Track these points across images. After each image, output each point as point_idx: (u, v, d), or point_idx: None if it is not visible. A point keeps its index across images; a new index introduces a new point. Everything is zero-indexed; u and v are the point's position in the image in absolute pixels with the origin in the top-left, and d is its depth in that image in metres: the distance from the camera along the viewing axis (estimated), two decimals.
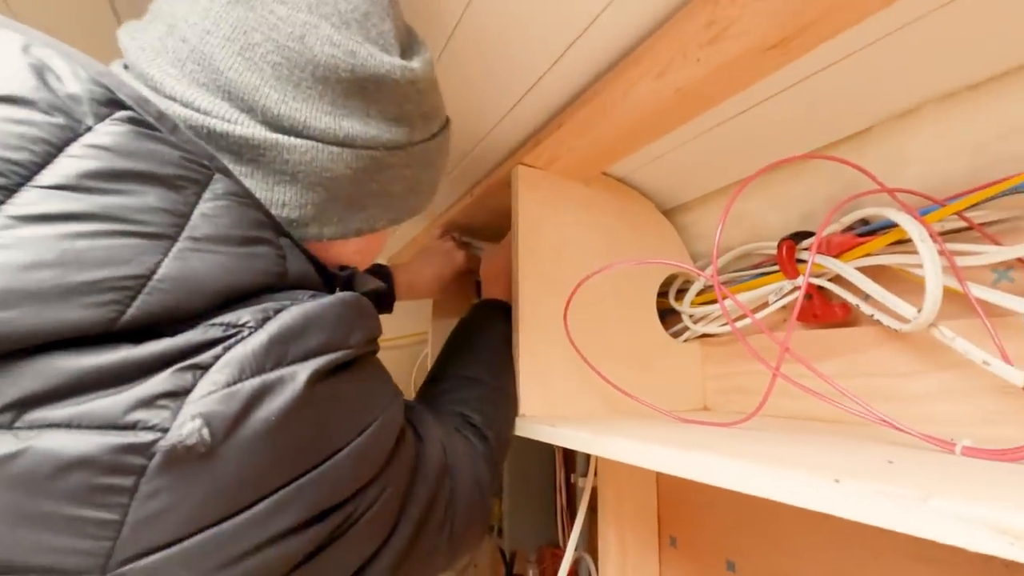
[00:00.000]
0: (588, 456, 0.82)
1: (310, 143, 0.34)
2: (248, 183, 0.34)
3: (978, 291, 0.40)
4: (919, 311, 0.42)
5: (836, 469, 0.29)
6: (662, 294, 0.73)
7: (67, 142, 0.27)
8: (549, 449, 0.96)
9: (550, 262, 0.63)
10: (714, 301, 0.67)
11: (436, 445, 0.43)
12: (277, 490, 0.29)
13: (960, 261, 0.42)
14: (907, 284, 0.47)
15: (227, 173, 0.32)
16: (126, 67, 0.34)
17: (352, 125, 0.35)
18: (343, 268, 0.41)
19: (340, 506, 0.32)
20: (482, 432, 0.50)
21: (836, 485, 0.26)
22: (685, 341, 0.71)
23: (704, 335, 0.70)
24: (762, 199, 0.61)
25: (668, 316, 0.73)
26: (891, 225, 0.47)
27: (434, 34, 0.48)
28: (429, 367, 0.63)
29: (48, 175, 0.26)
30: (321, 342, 0.31)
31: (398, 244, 1.09)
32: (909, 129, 0.45)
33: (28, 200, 0.25)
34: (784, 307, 0.59)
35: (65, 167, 0.26)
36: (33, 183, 0.26)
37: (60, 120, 0.27)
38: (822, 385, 0.41)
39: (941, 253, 0.42)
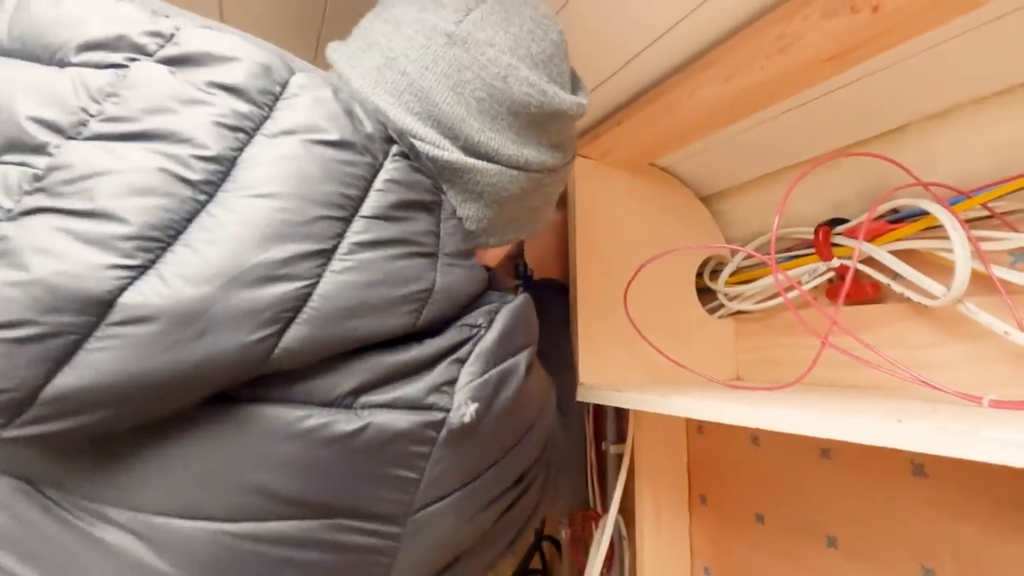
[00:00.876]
0: (620, 424, 0.89)
1: (498, 167, 0.40)
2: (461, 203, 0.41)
3: (999, 272, 0.47)
4: (948, 289, 0.49)
5: (894, 414, 0.36)
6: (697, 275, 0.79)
7: (374, 177, 0.33)
8: (580, 419, 1.03)
9: (603, 246, 0.69)
10: (746, 281, 0.74)
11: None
12: (502, 457, 0.38)
13: (984, 246, 0.49)
14: (933, 267, 0.54)
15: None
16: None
17: (530, 152, 0.41)
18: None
19: (527, 472, 0.41)
20: (559, 401, 0.56)
21: (899, 424, 0.33)
22: (720, 317, 0.77)
23: (738, 312, 0.76)
24: (797, 189, 0.67)
25: (702, 295, 0.79)
26: (921, 213, 0.53)
27: None
28: None
29: (367, 207, 0.32)
30: (527, 337, 0.40)
31: None
32: (942, 129, 0.52)
33: (359, 229, 0.31)
34: (816, 287, 0.65)
35: (376, 200, 0.32)
36: (359, 214, 0.32)
37: (369, 159, 0.32)
38: (866, 353, 0.48)
39: (968, 239, 0.48)
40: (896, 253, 0.55)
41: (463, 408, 0.33)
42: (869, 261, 0.60)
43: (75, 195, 0.26)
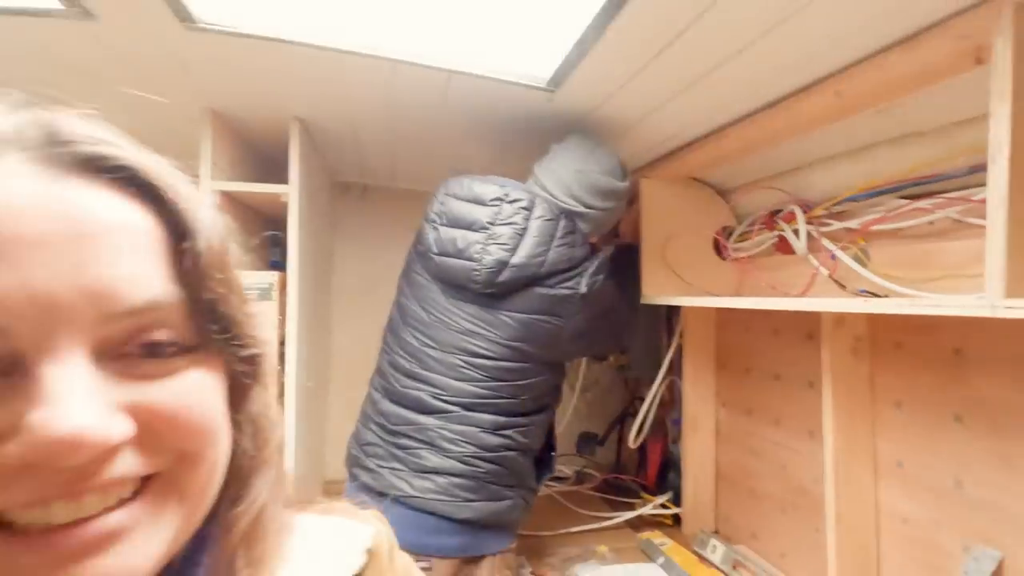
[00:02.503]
0: (679, 320, 1.54)
1: (593, 211, 1.11)
2: (580, 224, 1.12)
3: (825, 242, 1.06)
4: (805, 244, 1.08)
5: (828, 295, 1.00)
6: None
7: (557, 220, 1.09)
8: (658, 318, 1.69)
9: (657, 224, 1.34)
10: (741, 240, 1.34)
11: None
12: (600, 308, 1.14)
13: (822, 229, 1.07)
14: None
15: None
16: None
17: (603, 203, 1.11)
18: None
19: (610, 312, 1.18)
20: (631, 299, 1.26)
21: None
22: (726, 260, 1.39)
23: (736, 258, 1.37)
24: (762, 193, 1.26)
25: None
26: (793, 213, 1.11)
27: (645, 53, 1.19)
28: None
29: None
30: (604, 267, 1.16)
31: None
32: (814, 170, 1.09)
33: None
34: (769, 245, 1.25)
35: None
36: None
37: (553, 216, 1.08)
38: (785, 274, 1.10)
39: (808, 222, 1.07)
40: (794, 231, 1.14)
41: (583, 288, 1.05)
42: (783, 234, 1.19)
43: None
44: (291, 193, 1.24)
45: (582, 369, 1.88)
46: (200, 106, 1.18)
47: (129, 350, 0.26)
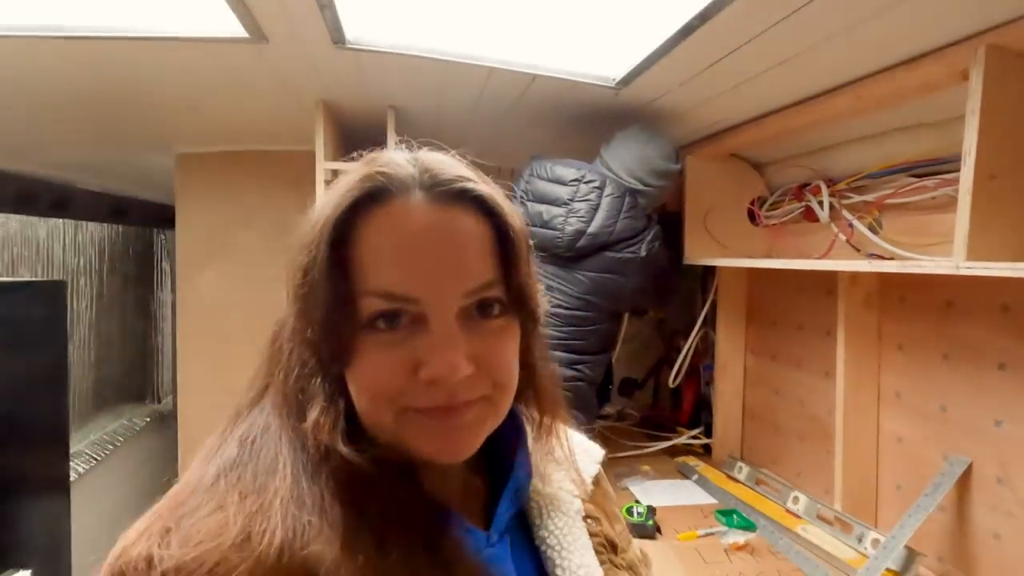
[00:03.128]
0: (713, 278, 1.76)
1: (653, 190, 1.34)
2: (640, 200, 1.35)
3: (845, 212, 1.26)
4: (828, 214, 1.28)
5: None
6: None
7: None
8: (694, 278, 1.91)
9: (699, 197, 1.55)
10: (772, 209, 1.53)
11: None
12: (646, 266, 1.37)
13: (843, 201, 1.27)
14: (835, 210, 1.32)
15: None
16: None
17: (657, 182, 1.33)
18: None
19: (660, 275, 1.42)
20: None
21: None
22: (758, 226, 1.59)
23: (767, 224, 1.57)
24: (791, 170, 1.45)
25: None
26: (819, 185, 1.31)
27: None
28: None
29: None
30: (658, 236, 1.40)
31: None
32: (843, 152, 1.28)
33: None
34: (798, 214, 1.44)
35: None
36: None
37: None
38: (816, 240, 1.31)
39: (831, 195, 1.27)
40: (819, 202, 1.33)
41: (643, 252, 1.29)
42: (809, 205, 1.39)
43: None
44: None
45: (624, 323, 2.12)
46: (316, 98, 1.41)
47: (473, 314, 0.40)
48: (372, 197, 0.40)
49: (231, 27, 0.97)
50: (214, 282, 2.03)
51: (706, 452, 1.81)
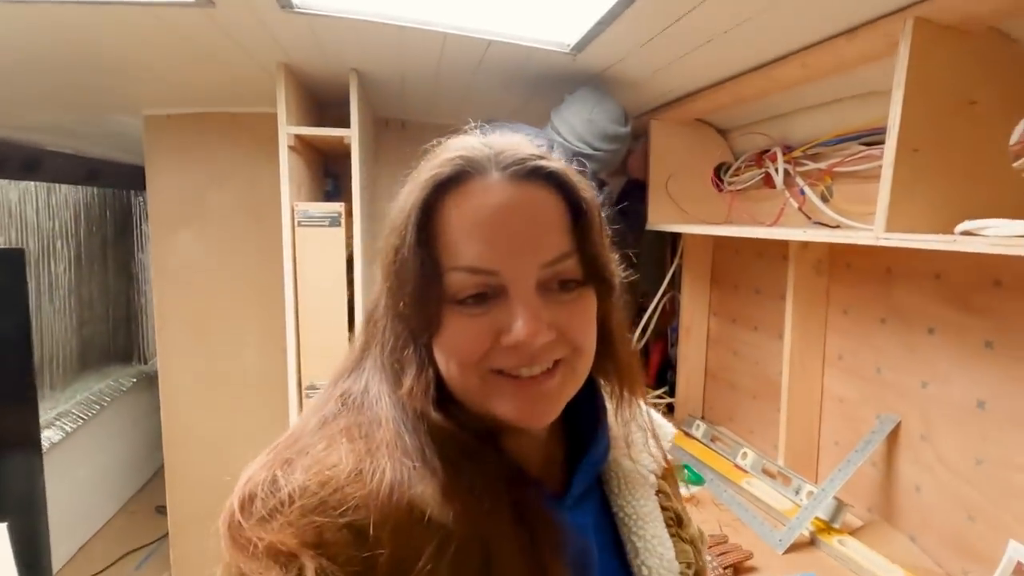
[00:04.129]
0: (680, 242, 1.79)
1: (602, 154, 1.34)
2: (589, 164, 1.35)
3: (798, 180, 1.28)
4: (783, 181, 1.30)
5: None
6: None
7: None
8: (664, 242, 1.94)
9: (663, 162, 1.56)
10: (735, 176, 1.55)
11: None
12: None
13: (798, 169, 1.29)
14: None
15: None
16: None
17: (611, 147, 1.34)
18: None
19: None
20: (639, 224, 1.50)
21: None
22: (721, 192, 1.61)
23: (731, 190, 1.59)
24: (750, 136, 1.46)
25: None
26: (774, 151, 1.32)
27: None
28: None
29: None
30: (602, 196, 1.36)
31: None
32: (794, 119, 1.29)
33: None
34: (757, 180, 1.46)
35: None
36: None
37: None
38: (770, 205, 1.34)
39: (787, 162, 1.28)
40: (776, 169, 1.35)
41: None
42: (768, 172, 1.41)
43: None
44: (352, 135, 1.47)
45: None
46: (276, 61, 1.39)
47: (551, 285, 0.43)
48: (453, 180, 0.42)
49: None
50: (189, 243, 2.05)
51: (669, 411, 1.88)
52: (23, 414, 1.27)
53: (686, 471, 1.42)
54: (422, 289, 0.41)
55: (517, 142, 0.45)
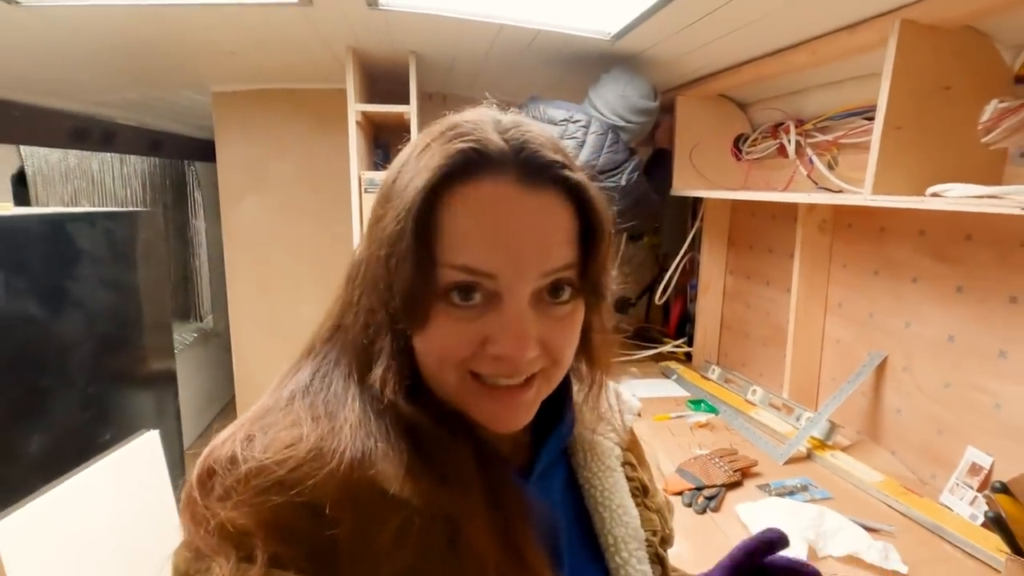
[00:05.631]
0: (701, 207, 1.97)
1: (634, 125, 1.54)
2: (622, 135, 1.54)
3: (808, 150, 1.45)
4: (794, 151, 1.48)
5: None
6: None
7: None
8: (686, 207, 2.12)
9: (688, 133, 1.73)
10: (753, 146, 1.72)
11: None
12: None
13: (808, 140, 1.46)
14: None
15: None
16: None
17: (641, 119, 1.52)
18: None
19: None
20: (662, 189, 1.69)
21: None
22: (740, 161, 1.78)
23: (748, 159, 1.76)
24: (767, 111, 1.62)
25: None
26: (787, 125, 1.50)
27: None
28: None
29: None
30: (641, 167, 1.57)
31: None
32: (806, 96, 1.46)
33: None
34: (773, 150, 1.64)
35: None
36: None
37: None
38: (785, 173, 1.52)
39: (799, 134, 1.46)
40: (789, 140, 1.53)
41: (623, 182, 1.51)
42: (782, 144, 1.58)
43: None
44: (412, 112, 1.67)
45: (621, 248, 2.36)
46: (345, 46, 1.58)
47: (544, 296, 0.41)
48: (467, 170, 0.39)
49: None
50: (254, 209, 2.28)
51: (687, 359, 2.10)
52: (163, 346, 1.52)
53: (703, 404, 1.64)
54: (412, 280, 0.39)
55: (540, 139, 0.41)
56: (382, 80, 1.91)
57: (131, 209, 2.11)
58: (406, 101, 1.66)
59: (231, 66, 1.91)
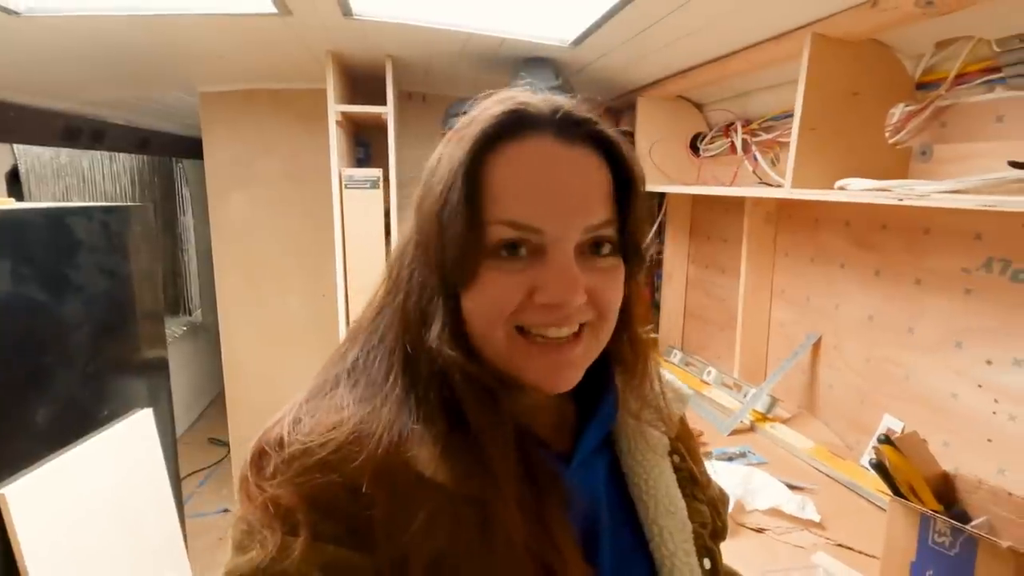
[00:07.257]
0: (664, 201, 2.10)
1: None
2: None
3: (754, 148, 1.58)
4: (742, 149, 1.61)
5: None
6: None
7: None
8: (652, 202, 2.25)
9: (649, 132, 1.86)
10: (710, 144, 1.85)
11: None
12: None
13: (754, 139, 1.59)
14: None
15: None
16: None
17: None
18: None
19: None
20: None
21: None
22: (699, 157, 1.91)
23: (705, 156, 1.89)
24: (718, 111, 1.75)
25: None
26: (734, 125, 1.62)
27: None
28: None
29: None
30: None
31: None
32: (749, 97, 1.58)
33: None
34: (724, 148, 1.76)
35: None
36: None
37: None
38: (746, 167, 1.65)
39: (745, 134, 1.58)
40: (737, 139, 1.65)
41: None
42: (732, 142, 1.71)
43: None
44: (389, 112, 1.78)
45: None
46: (325, 50, 1.68)
47: (586, 250, 0.43)
48: (509, 130, 0.42)
49: (265, 6, 1.26)
50: (240, 205, 2.37)
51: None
52: (155, 332, 1.62)
53: None
54: (462, 238, 0.41)
55: (575, 104, 0.45)
56: (363, 80, 2.01)
57: (125, 204, 2.20)
58: (385, 102, 1.77)
59: (218, 68, 2.00)
